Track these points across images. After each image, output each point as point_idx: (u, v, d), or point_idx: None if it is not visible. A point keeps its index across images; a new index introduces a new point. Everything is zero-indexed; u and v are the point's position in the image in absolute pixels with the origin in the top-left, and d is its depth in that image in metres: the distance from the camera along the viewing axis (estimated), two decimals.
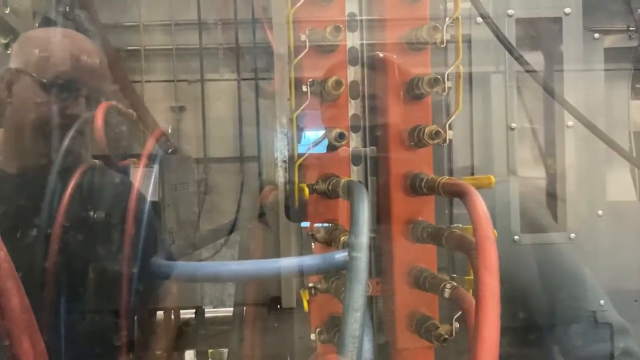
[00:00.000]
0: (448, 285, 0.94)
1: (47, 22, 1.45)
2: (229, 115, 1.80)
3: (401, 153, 1.09)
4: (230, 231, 1.62)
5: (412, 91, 1.05)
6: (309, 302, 1.05)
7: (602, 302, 1.57)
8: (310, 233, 1.05)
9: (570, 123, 1.56)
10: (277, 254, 1.36)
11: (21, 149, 1.23)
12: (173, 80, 1.79)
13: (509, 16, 1.55)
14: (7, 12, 1.49)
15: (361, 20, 1.16)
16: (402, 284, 1.09)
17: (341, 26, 0.99)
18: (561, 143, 1.57)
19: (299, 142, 1.77)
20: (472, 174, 1.52)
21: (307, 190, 0.99)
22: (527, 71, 1.50)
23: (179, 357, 1.93)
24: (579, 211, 1.57)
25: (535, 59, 1.56)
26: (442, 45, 1.04)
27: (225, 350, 2.10)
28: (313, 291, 1.03)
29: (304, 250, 1.62)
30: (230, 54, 1.72)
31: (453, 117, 1.05)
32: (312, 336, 1.04)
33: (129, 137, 1.56)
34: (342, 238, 0.94)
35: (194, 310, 1.89)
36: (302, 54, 1.03)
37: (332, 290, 1.02)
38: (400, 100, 1.09)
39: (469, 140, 1.55)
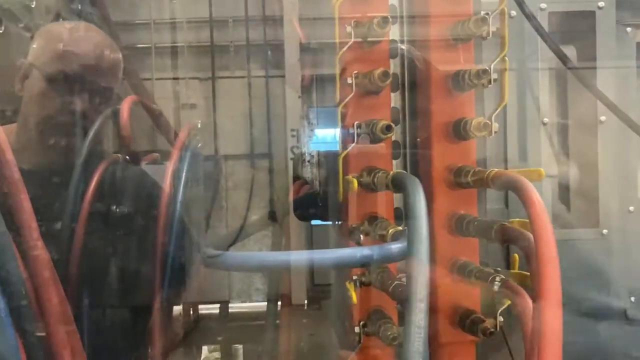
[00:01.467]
0: (497, 279, 0.93)
1: (59, 20, 1.45)
2: (256, 112, 1.80)
3: (445, 146, 1.08)
4: (238, 235, 1.63)
5: (458, 83, 1.04)
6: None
7: (632, 299, 1.56)
8: (353, 226, 1.04)
9: (602, 118, 1.55)
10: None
11: (32, 144, 1.22)
12: (184, 78, 1.79)
13: (542, 10, 1.54)
14: (33, 5, 1.48)
15: (401, 10, 1.16)
16: (445, 278, 1.08)
17: (389, 17, 0.98)
18: (593, 138, 1.57)
19: (310, 138, 1.77)
20: (506, 168, 1.51)
21: (355, 183, 0.98)
22: (568, 68, 1.49)
23: (197, 352, 1.93)
24: (610, 207, 1.57)
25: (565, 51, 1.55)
26: (487, 37, 1.04)
27: (241, 346, 2.11)
28: (357, 284, 1.02)
29: (313, 247, 1.62)
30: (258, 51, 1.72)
31: (499, 110, 1.04)
32: (356, 329, 1.03)
33: (153, 133, 1.55)
34: (390, 230, 0.94)
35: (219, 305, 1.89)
36: (347, 46, 1.02)
37: (377, 283, 1.01)
38: (444, 93, 1.08)
39: (501, 134, 1.54)
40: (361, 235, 0.99)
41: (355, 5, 1.05)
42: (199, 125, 1.74)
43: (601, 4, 1.54)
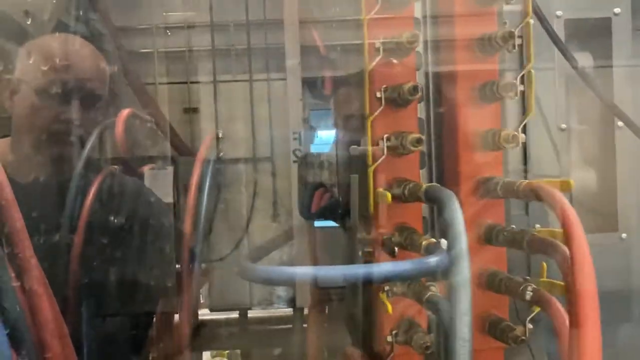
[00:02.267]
0: (529, 288, 0.95)
1: (61, 26, 1.46)
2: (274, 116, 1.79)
3: (472, 156, 1.10)
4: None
5: (485, 95, 1.06)
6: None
7: None
8: (384, 237, 1.06)
9: (620, 123, 1.57)
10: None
11: (26, 157, 1.24)
12: (186, 82, 1.80)
13: (558, 17, 1.56)
14: (28, 22, 1.49)
15: (425, 24, 1.18)
16: (473, 287, 1.09)
17: (418, 33, 1.00)
18: (611, 143, 1.58)
19: (312, 142, 1.78)
20: (525, 176, 1.53)
21: (389, 196, 1.00)
22: (578, 72, 1.50)
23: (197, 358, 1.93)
24: (629, 211, 1.58)
25: (582, 58, 1.57)
26: (513, 50, 1.06)
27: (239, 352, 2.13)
28: (389, 294, 1.04)
29: (318, 248, 1.64)
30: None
31: (526, 120, 1.06)
32: (389, 338, 1.05)
33: (148, 143, 1.56)
34: (422, 242, 0.95)
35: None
36: (375, 61, 1.05)
37: (409, 293, 1.03)
38: (471, 104, 1.10)
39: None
40: (396, 248, 1.01)
41: (383, 20, 1.07)
42: (220, 135, 1.76)
43: (617, 10, 1.56)
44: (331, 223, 1.50)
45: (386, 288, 1.04)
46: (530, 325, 1.06)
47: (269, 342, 1.93)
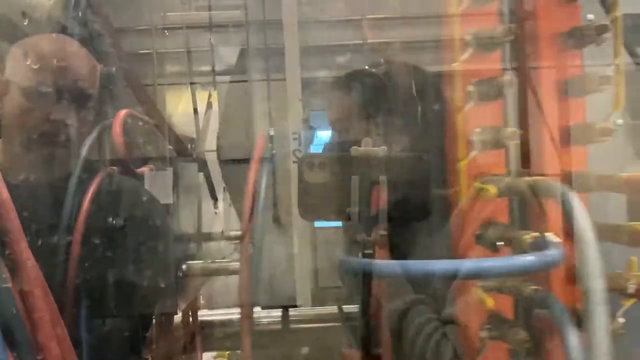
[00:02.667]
0: (633, 281, 0.95)
1: (58, 27, 1.45)
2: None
3: (560, 150, 1.09)
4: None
5: (574, 89, 1.06)
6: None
7: None
8: (476, 234, 1.06)
9: None
10: None
11: (18, 159, 1.24)
12: (186, 83, 1.79)
13: None
14: (25, 23, 1.48)
15: (507, 19, 1.17)
16: (562, 282, 1.09)
17: (511, 27, 1.00)
18: None
19: (312, 142, 1.76)
20: None
21: (492, 189, 0.99)
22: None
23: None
24: None
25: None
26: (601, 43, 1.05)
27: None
28: (481, 290, 1.04)
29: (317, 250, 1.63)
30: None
31: (615, 113, 1.06)
32: (482, 333, 1.04)
33: (147, 144, 1.55)
34: (526, 237, 0.95)
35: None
36: (468, 53, 1.04)
37: (504, 288, 1.03)
38: (556, 98, 1.10)
39: None
40: (497, 243, 1.00)
41: (470, 15, 1.07)
42: (272, 133, 1.74)
43: None
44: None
45: (480, 283, 1.03)
46: (622, 319, 1.06)
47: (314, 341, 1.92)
